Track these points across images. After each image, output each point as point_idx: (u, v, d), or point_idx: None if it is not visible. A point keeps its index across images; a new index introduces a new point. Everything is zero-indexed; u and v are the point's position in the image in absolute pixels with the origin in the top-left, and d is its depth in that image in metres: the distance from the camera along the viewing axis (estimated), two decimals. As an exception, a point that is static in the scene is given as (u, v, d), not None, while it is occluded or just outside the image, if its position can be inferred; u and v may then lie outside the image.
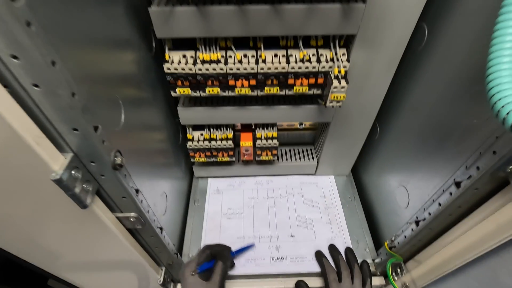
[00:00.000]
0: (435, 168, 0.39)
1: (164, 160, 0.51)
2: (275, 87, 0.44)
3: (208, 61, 0.41)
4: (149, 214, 0.35)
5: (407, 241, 0.43)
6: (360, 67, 0.43)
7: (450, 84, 0.37)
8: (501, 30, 0.22)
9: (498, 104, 0.21)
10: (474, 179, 0.29)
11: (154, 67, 0.44)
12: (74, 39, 0.24)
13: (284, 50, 0.42)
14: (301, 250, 0.55)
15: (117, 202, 0.30)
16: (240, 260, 0.54)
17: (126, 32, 0.36)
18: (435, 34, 0.40)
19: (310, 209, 0.61)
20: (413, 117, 0.46)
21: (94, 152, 0.24)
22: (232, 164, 0.64)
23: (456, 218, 0.35)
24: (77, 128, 0.22)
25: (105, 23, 0.30)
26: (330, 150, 0.60)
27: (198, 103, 0.50)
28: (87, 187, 0.25)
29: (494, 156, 0.27)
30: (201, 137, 0.55)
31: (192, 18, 0.37)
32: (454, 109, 0.36)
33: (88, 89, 0.26)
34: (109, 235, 0.32)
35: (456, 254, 0.34)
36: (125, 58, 0.36)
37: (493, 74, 0.22)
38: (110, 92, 0.30)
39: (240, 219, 0.59)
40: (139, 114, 0.39)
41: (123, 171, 0.29)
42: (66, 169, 0.22)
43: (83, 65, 0.25)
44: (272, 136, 0.56)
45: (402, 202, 0.48)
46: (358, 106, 0.50)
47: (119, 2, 0.33)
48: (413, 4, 0.37)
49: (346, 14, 0.37)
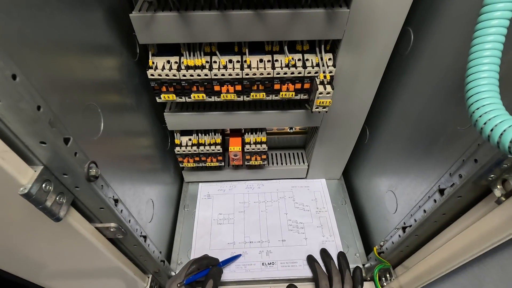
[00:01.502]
0: (422, 174, 0.39)
1: (151, 166, 0.51)
2: (261, 93, 0.44)
3: (192, 67, 0.41)
4: (130, 224, 0.35)
5: (394, 247, 0.43)
6: (347, 72, 0.43)
7: (436, 89, 0.37)
8: (476, 53, 0.22)
9: (480, 121, 0.21)
10: (457, 187, 0.29)
11: (138, 72, 0.44)
12: (42, 48, 0.23)
13: (269, 55, 0.42)
14: (292, 255, 0.54)
15: (95, 213, 0.30)
16: (231, 266, 0.53)
17: (106, 38, 0.35)
18: (420, 38, 0.39)
19: (301, 213, 0.60)
20: (401, 122, 0.46)
21: (66, 165, 0.23)
22: (222, 168, 0.64)
23: (442, 225, 0.35)
24: (45, 142, 0.21)
25: (80, 29, 0.29)
26: (320, 154, 0.60)
27: (185, 108, 0.50)
28: (60, 200, 0.25)
29: (476, 164, 0.27)
30: (189, 142, 0.55)
31: (174, 24, 0.36)
32: (440, 115, 0.36)
33: (60, 99, 0.25)
34: (88, 245, 0.31)
35: (442, 262, 0.33)
36: (105, 64, 0.35)
37: (472, 89, 0.22)
38: (87, 101, 0.30)
39: (231, 224, 0.59)
40: (122, 121, 0.39)
41: (100, 182, 0.28)
42: (35, 182, 0.22)
43: (53, 74, 0.25)
44: (261, 140, 0.55)
45: (391, 207, 0.48)
46: (346, 111, 0.49)
47: (96, 7, 0.33)
48: (397, 9, 0.36)
49: (331, 19, 0.37)
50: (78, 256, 0.35)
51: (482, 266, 0.30)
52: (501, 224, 0.25)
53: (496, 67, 0.22)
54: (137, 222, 0.38)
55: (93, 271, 0.39)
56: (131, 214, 0.36)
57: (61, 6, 0.26)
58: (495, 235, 0.26)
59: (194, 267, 0.46)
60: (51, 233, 0.28)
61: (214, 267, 0.48)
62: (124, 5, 0.39)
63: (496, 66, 0.22)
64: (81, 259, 0.36)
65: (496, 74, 0.22)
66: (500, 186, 0.26)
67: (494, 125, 0.20)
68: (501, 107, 0.21)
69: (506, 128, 0.19)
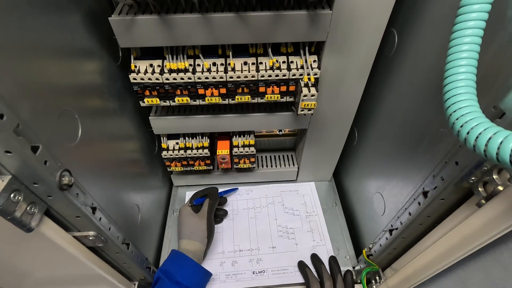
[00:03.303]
0: (408, 176, 0.39)
1: (137, 171, 0.50)
2: (246, 96, 0.43)
3: (175, 70, 0.40)
4: (111, 231, 0.34)
5: (382, 249, 0.42)
6: (332, 74, 0.43)
7: (419, 90, 0.37)
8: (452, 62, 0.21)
9: (457, 124, 0.20)
10: (440, 189, 0.29)
11: (121, 76, 0.43)
12: (9, 53, 0.22)
13: (254, 57, 0.41)
14: (283, 262, 0.54)
15: (71, 221, 0.29)
16: (220, 276, 0.52)
17: (85, 41, 0.35)
18: (404, 39, 0.39)
19: (291, 218, 0.60)
20: (388, 123, 0.45)
21: (35, 174, 0.23)
22: (211, 172, 0.63)
23: (427, 228, 0.35)
24: (10, 151, 0.20)
25: (55, 33, 0.29)
26: (310, 156, 0.59)
27: (171, 112, 0.49)
28: (32, 210, 0.24)
29: (457, 166, 0.26)
30: (176, 146, 0.54)
31: (155, 27, 0.36)
32: (424, 116, 0.36)
33: (32, 105, 0.24)
34: (66, 255, 0.30)
35: (428, 264, 0.33)
36: (85, 68, 0.35)
37: (449, 92, 0.22)
38: (62, 106, 0.29)
39: (219, 233, 0.58)
40: (104, 126, 0.38)
41: (74, 190, 0.27)
42: (2, 192, 0.21)
43: (23, 79, 0.24)
44: (249, 143, 0.55)
45: (379, 209, 0.48)
46: (334, 112, 0.49)
47: (73, 10, 0.32)
48: (380, 10, 0.36)
49: (314, 20, 0.36)
50: (59, 266, 0.34)
51: (466, 268, 0.30)
52: (482, 227, 0.25)
53: (473, 69, 0.22)
54: (119, 229, 0.37)
55: (75, 279, 0.38)
56: (112, 221, 0.35)
57: (32, 10, 0.25)
58: (476, 238, 0.25)
59: (199, 194, 0.56)
60: (26, 243, 0.28)
61: (211, 188, 0.58)
62: (104, 8, 0.39)
63: (474, 68, 0.22)
64: (61, 269, 0.35)
65: (473, 76, 0.22)
66: (482, 189, 0.25)
67: (470, 128, 0.20)
68: (478, 109, 0.21)
69: (481, 131, 0.19)
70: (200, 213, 0.52)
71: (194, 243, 0.49)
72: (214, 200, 0.55)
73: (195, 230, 0.50)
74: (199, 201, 0.54)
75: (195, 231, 0.50)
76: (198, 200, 0.54)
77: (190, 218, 0.51)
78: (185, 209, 0.53)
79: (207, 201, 0.54)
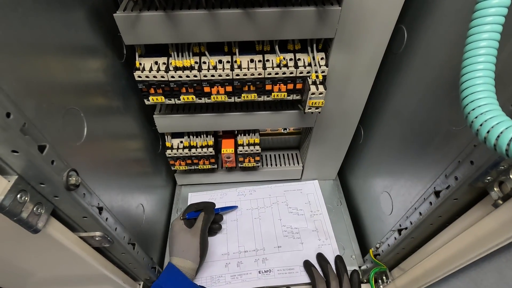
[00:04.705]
0: (416, 175, 0.38)
1: (141, 170, 0.49)
2: (253, 93, 0.42)
3: (181, 68, 0.39)
4: (117, 232, 0.33)
5: (390, 249, 0.42)
6: (339, 71, 0.42)
7: (430, 88, 0.36)
8: (471, 53, 0.21)
9: (476, 123, 0.20)
10: (453, 189, 0.28)
11: (126, 74, 0.42)
12: (14, 50, 0.22)
13: (260, 55, 0.41)
14: (289, 261, 0.53)
15: (78, 222, 0.28)
16: (225, 277, 0.52)
17: (89, 39, 0.34)
18: (414, 36, 0.39)
19: (295, 218, 0.59)
20: (395, 122, 0.45)
21: (42, 174, 0.22)
22: (215, 171, 0.63)
23: (438, 228, 0.34)
24: (17, 150, 0.20)
25: (59, 30, 0.28)
26: (315, 155, 0.59)
27: (175, 111, 0.49)
28: (38, 210, 0.24)
29: (472, 166, 0.26)
30: (180, 144, 0.53)
31: (160, 24, 0.35)
32: (435, 115, 0.35)
33: (37, 104, 0.24)
34: (72, 255, 0.30)
35: (438, 265, 0.33)
36: (89, 66, 0.34)
37: (467, 89, 0.21)
38: (68, 105, 0.28)
39: (224, 234, 0.57)
40: (108, 125, 0.37)
41: (81, 190, 0.27)
42: (9, 193, 0.21)
43: (28, 77, 0.23)
44: (254, 142, 0.54)
45: (386, 208, 0.47)
46: (340, 111, 0.49)
47: (77, 7, 0.31)
48: (390, 6, 0.35)
49: (322, 17, 0.36)
50: (64, 266, 0.34)
51: (479, 270, 0.29)
52: (498, 228, 0.24)
53: (491, 66, 0.21)
54: (125, 229, 0.36)
55: (80, 280, 0.38)
56: (118, 221, 0.35)
57: (36, 7, 0.25)
58: (492, 239, 0.25)
59: (193, 207, 0.53)
60: (33, 244, 0.27)
61: (207, 202, 0.55)
62: (108, 4, 0.38)
63: (492, 64, 0.21)
64: (67, 269, 0.34)
65: (492, 73, 0.21)
66: (497, 189, 0.25)
67: (491, 127, 0.19)
68: (498, 107, 0.20)
69: (503, 130, 0.18)
70: (193, 229, 0.48)
71: (186, 261, 0.46)
72: (209, 215, 0.51)
73: (187, 248, 0.47)
74: (192, 215, 0.50)
75: (187, 249, 0.46)
76: (191, 214, 0.50)
77: (182, 235, 0.48)
78: (177, 223, 0.49)
79: (202, 216, 0.50)
